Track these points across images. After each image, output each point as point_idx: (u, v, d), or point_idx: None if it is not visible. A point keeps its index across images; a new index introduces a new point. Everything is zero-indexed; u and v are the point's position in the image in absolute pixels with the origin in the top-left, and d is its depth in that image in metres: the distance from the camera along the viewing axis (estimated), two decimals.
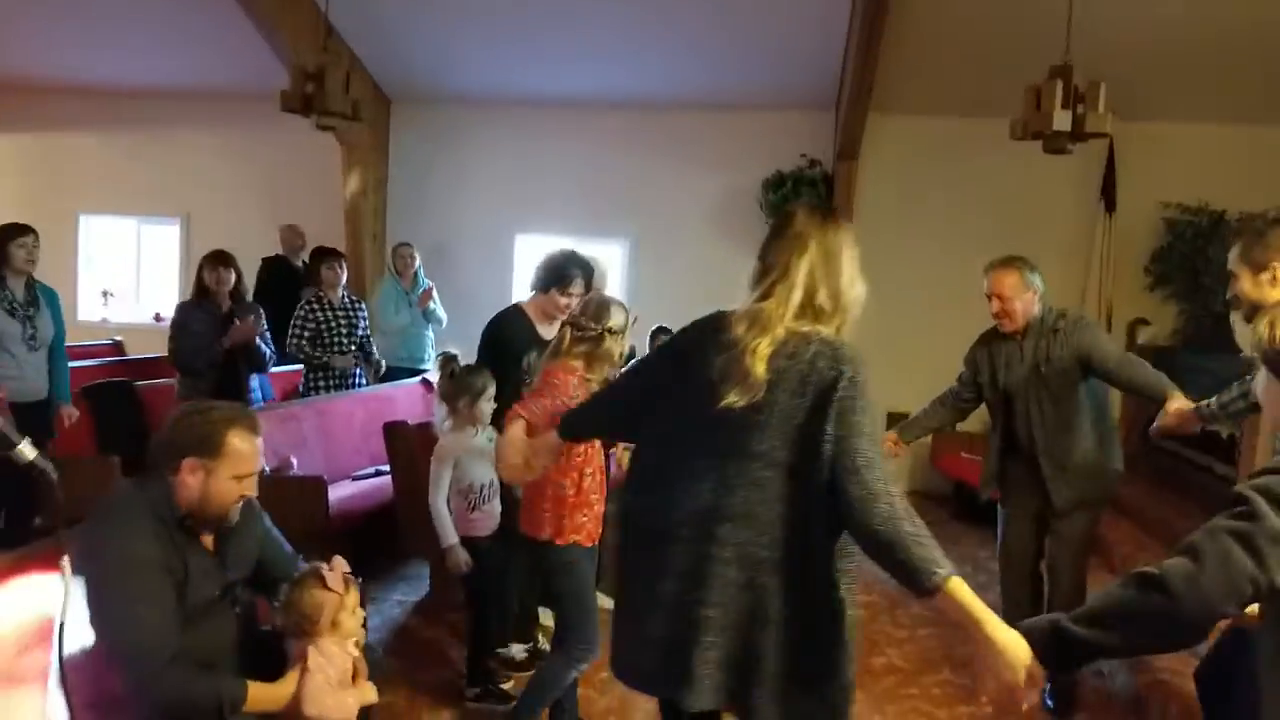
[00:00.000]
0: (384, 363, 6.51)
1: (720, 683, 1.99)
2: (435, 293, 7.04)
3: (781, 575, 1.97)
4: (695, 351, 2.09)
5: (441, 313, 7.11)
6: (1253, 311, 2.75)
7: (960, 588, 1.80)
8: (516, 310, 4.01)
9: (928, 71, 6.95)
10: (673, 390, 2.12)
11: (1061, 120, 4.62)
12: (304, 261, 7.33)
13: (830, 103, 7.53)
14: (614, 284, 5.23)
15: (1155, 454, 6.71)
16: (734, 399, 1.96)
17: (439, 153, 8.32)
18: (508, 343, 3.86)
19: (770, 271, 2.13)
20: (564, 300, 3.81)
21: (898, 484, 1.92)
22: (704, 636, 1.97)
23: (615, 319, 3.06)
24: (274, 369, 6.33)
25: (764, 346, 1.98)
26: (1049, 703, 3.68)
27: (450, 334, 7.36)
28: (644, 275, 8.04)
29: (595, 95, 7.85)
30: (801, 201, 2.50)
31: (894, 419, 7.65)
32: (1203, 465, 5.96)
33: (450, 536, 3.60)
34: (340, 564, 2.46)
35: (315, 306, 6.05)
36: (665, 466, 2.10)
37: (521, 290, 8.16)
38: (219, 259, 5.48)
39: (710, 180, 7.94)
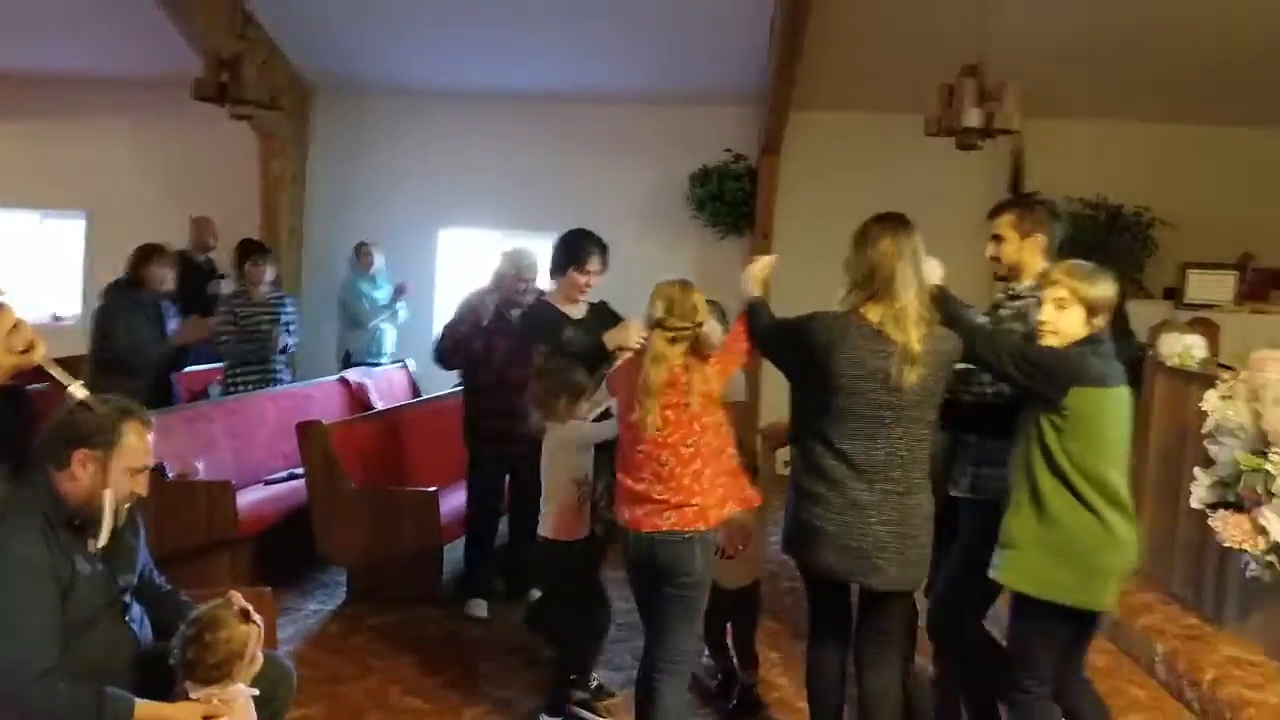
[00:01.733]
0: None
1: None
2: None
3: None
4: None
5: (403, 311, 7.21)
6: (1013, 274, 3.14)
7: None
8: (543, 303, 4.08)
9: (847, 69, 7.08)
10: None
11: (972, 117, 4.77)
12: (209, 258, 7.17)
13: (755, 99, 7.62)
14: (544, 276, 5.25)
15: None
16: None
17: (361, 144, 8.18)
18: (546, 333, 3.80)
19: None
20: (583, 279, 3.91)
21: None
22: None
23: (701, 309, 2.95)
24: (185, 369, 6.22)
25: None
26: None
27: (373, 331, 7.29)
28: None
29: (523, 88, 7.81)
30: (876, 215, 2.71)
31: None
32: None
33: None
34: (239, 599, 2.35)
35: (238, 302, 5.94)
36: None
37: (445, 284, 8.14)
38: (163, 254, 5.35)
39: (638, 174, 7.97)
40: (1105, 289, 2.66)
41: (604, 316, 4.00)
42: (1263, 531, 2.98)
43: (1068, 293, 2.64)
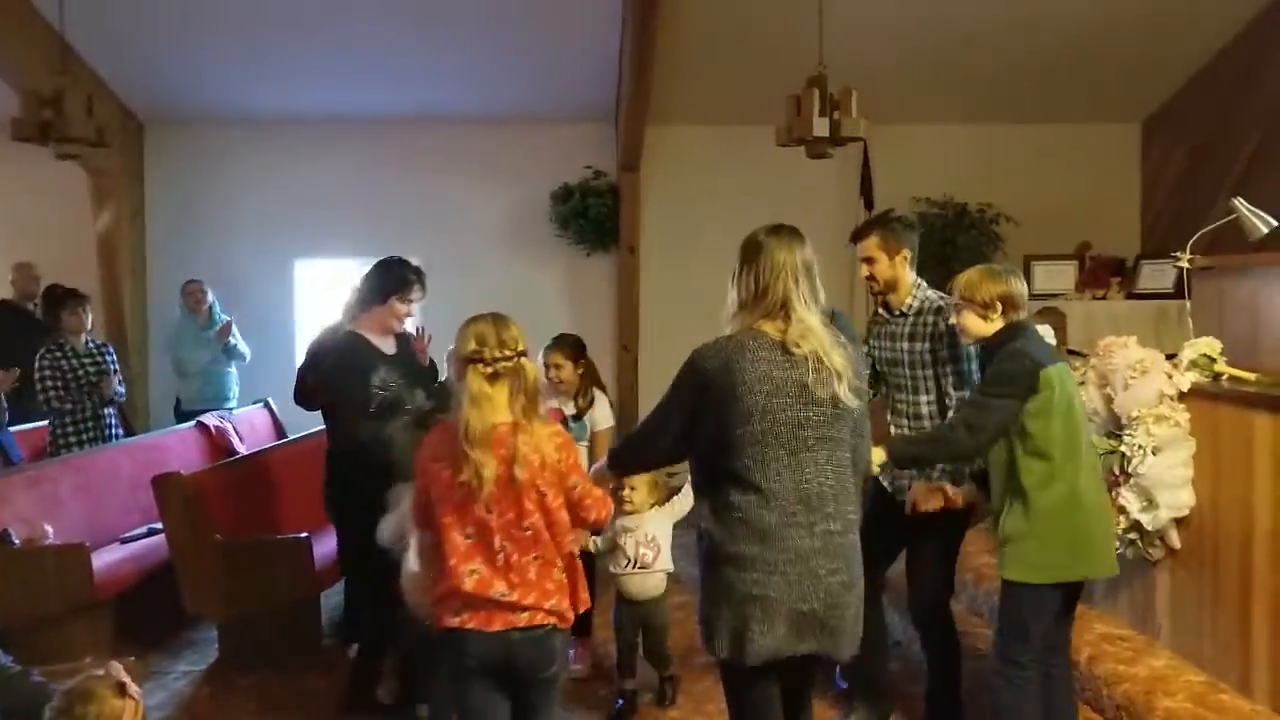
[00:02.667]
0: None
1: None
2: (235, 328, 6.68)
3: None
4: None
5: (244, 347, 6.76)
6: (889, 288, 3.34)
7: None
8: (353, 336, 3.79)
9: (699, 84, 7.19)
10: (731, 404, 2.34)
11: (820, 126, 4.90)
12: (37, 304, 6.69)
13: (611, 115, 7.66)
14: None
15: None
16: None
17: (202, 178, 7.81)
18: (355, 369, 3.68)
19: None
20: (405, 308, 3.78)
21: None
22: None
23: (520, 340, 2.54)
24: (24, 425, 5.85)
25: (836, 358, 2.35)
26: (841, 684, 3.80)
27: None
28: (436, 293, 7.82)
29: (373, 111, 7.60)
30: (768, 227, 2.57)
31: None
32: None
33: None
34: (117, 669, 2.19)
35: (58, 355, 5.59)
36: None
37: (306, 319, 7.84)
38: None
39: (499, 194, 7.88)
40: (1003, 285, 2.83)
41: (404, 349, 3.93)
42: (1122, 511, 3.12)
43: (964, 301, 2.89)
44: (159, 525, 4.61)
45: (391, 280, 3.76)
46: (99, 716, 2.07)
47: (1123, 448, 3.08)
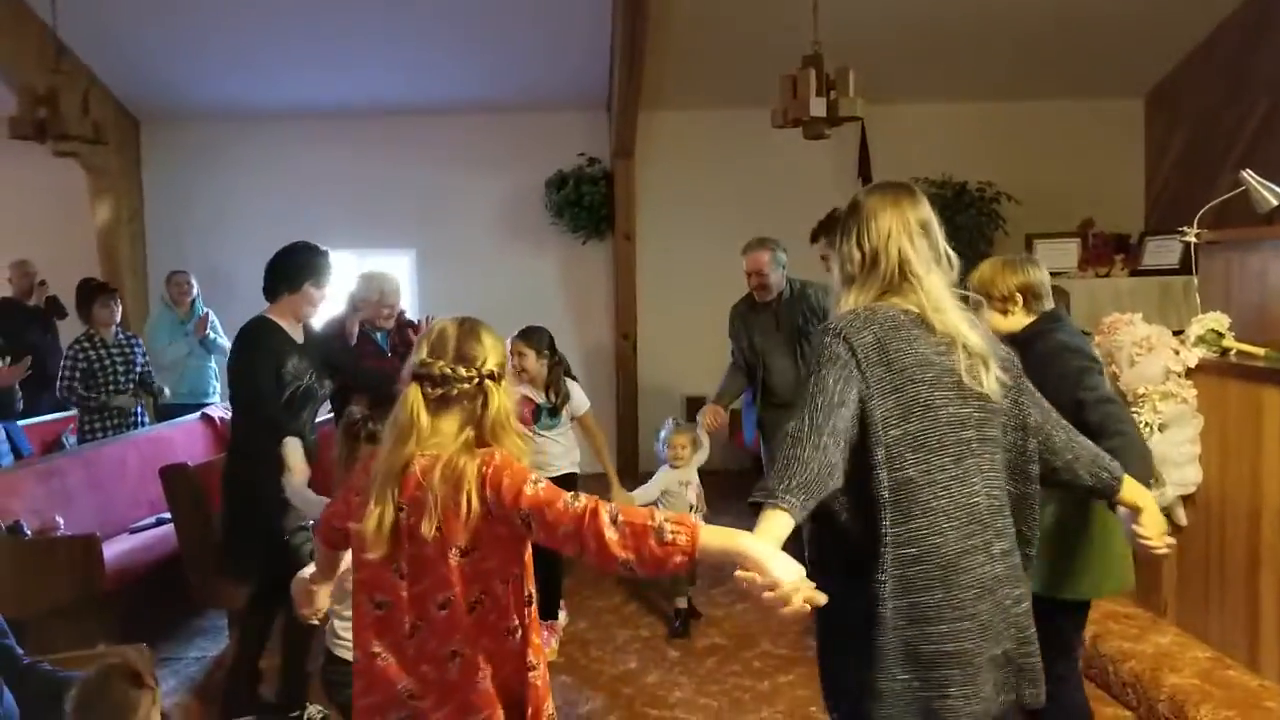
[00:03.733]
0: (166, 390, 6.18)
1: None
2: (215, 320, 6.63)
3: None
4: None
5: (224, 341, 6.69)
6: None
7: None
8: (267, 321, 3.70)
9: (692, 68, 7.15)
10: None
11: (817, 107, 4.86)
12: (38, 303, 6.70)
13: (603, 102, 7.62)
14: (404, 296, 5.14)
15: None
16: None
17: (200, 173, 7.81)
18: (274, 356, 3.60)
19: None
20: (319, 295, 3.69)
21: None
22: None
23: (492, 358, 1.91)
24: (33, 419, 5.90)
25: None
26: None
27: None
28: (432, 284, 7.87)
29: (367, 103, 7.58)
30: (872, 186, 2.16)
31: (693, 403, 7.93)
32: None
33: None
34: (133, 656, 2.22)
35: (87, 345, 5.72)
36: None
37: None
38: None
39: (493, 183, 7.86)
40: (1021, 275, 2.66)
41: (312, 338, 3.91)
42: None
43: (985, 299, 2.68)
44: (167, 516, 4.63)
45: (308, 268, 3.67)
46: (118, 706, 2.06)
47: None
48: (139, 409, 5.96)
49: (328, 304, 3.91)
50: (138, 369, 5.94)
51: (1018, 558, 1.92)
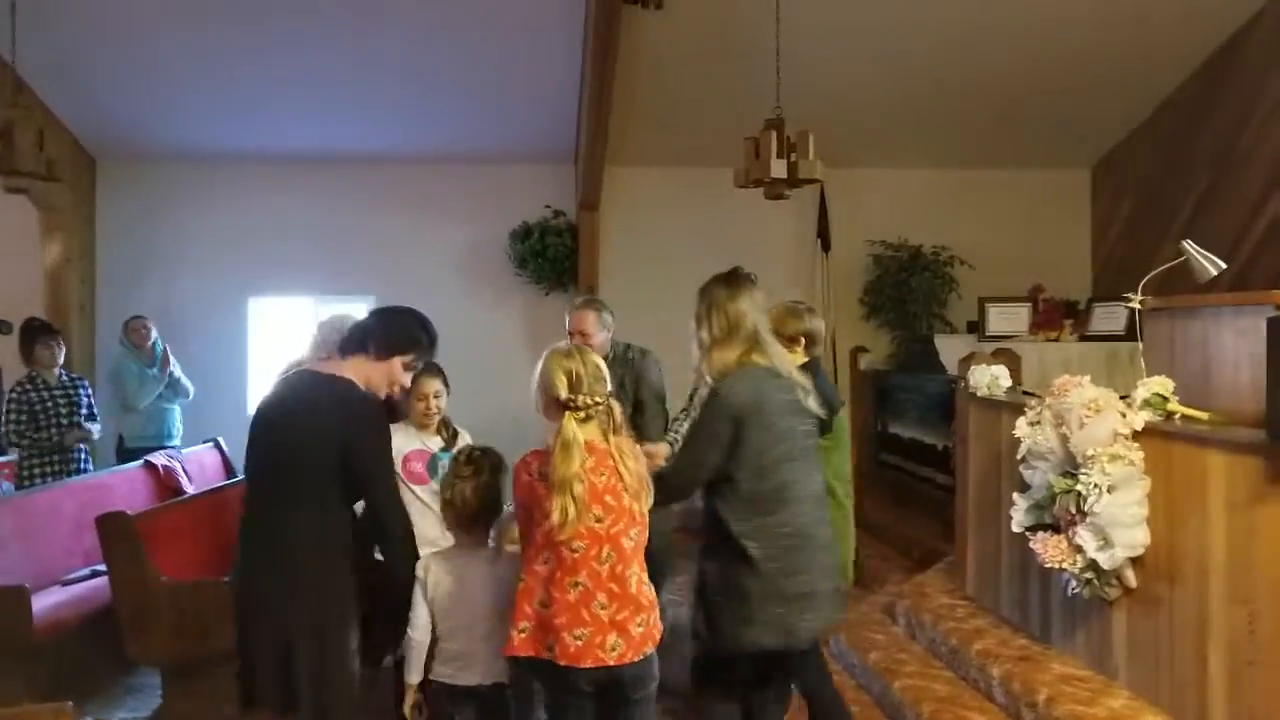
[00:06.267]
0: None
1: None
2: (174, 361, 6.54)
3: None
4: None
5: (187, 382, 6.62)
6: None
7: None
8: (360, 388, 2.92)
9: (657, 126, 7.28)
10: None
11: (778, 168, 4.93)
12: None
13: (570, 156, 7.69)
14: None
15: (884, 469, 7.24)
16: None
17: (155, 214, 7.72)
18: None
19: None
20: (405, 376, 2.97)
21: None
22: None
23: (608, 375, 2.70)
24: None
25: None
26: None
27: (185, 409, 6.82)
28: None
29: (329, 150, 7.58)
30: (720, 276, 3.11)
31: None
32: (925, 477, 6.48)
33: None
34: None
35: (29, 388, 5.61)
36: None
37: (260, 358, 7.73)
38: None
39: (457, 233, 7.88)
40: (806, 323, 3.53)
41: None
42: (1079, 550, 3.12)
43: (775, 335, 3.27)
44: (102, 567, 4.45)
45: (406, 337, 2.97)
46: None
47: (1079, 486, 3.09)
48: (83, 452, 5.83)
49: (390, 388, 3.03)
50: (82, 410, 5.83)
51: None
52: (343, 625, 2.75)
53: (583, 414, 2.58)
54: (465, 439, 3.69)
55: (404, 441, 3.42)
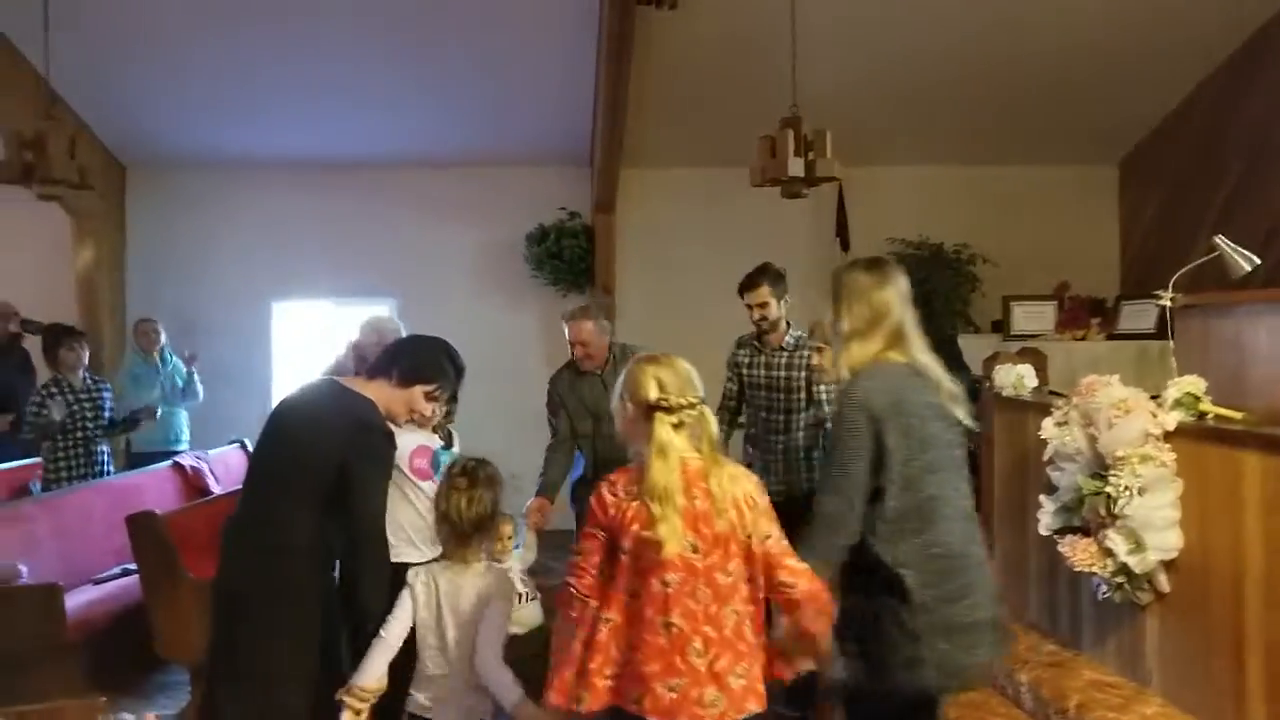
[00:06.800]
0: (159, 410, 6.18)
1: None
2: (184, 362, 6.63)
3: None
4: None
5: (199, 387, 6.66)
6: (774, 325, 4.27)
7: None
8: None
9: (672, 126, 7.25)
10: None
11: (795, 167, 4.88)
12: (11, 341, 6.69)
13: (585, 158, 7.69)
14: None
15: None
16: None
17: (182, 220, 7.80)
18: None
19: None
20: (425, 406, 2.94)
21: None
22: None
23: (698, 381, 2.44)
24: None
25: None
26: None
27: (210, 412, 6.90)
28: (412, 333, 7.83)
29: (352, 155, 7.63)
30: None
31: None
32: None
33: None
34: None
35: (54, 391, 5.67)
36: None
37: (283, 360, 7.79)
38: None
39: (474, 236, 7.90)
40: None
41: None
42: (1109, 553, 3.07)
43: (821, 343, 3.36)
44: (133, 566, 4.53)
45: (431, 368, 2.95)
46: None
47: (1108, 488, 3.05)
48: (106, 454, 5.91)
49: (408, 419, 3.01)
50: (106, 413, 5.89)
51: None
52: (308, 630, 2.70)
53: (675, 418, 2.31)
54: (456, 442, 3.64)
55: (410, 438, 3.36)
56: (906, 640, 2.38)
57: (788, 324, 4.32)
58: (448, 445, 3.58)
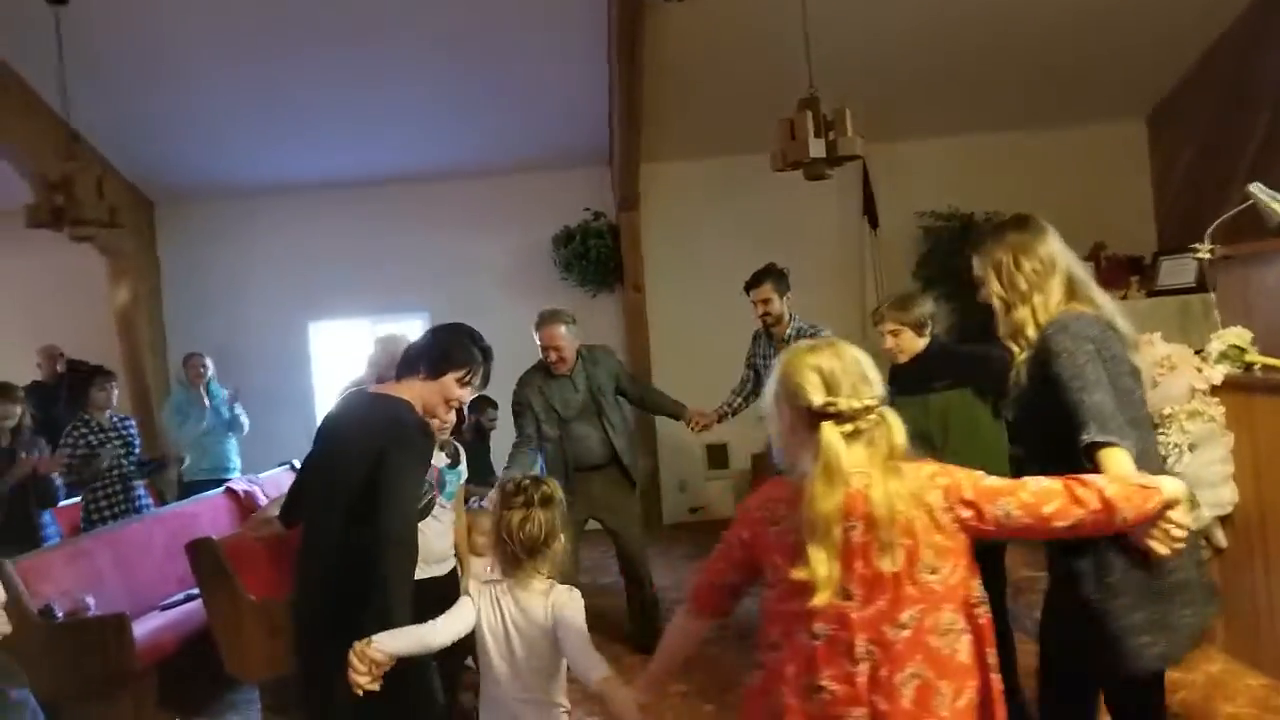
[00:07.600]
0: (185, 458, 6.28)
1: None
2: (231, 395, 6.76)
3: None
4: None
5: (244, 418, 6.81)
6: (778, 320, 4.74)
7: None
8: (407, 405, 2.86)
9: (689, 118, 7.24)
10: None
11: (816, 148, 4.79)
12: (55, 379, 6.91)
13: (605, 158, 7.71)
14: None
15: None
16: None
17: (214, 250, 7.93)
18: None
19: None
20: (460, 392, 2.88)
21: None
22: None
23: (877, 378, 1.88)
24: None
25: None
26: None
27: (258, 436, 7.00)
28: None
29: (375, 174, 7.70)
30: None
31: (713, 451, 7.86)
32: None
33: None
34: None
35: (84, 430, 5.74)
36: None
37: (323, 380, 7.89)
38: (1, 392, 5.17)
39: (502, 243, 7.95)
40: (919, 310, 3.44)
41: None
42: None
43: (895, 325, 3.41)
44: (196, 591, 4.62)
45: (457, 353, 2.90)
46: None
47: (1158, 447, 3.02)
48: (142, 491, 5.96)
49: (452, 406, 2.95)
50: (136, 449, 5.95)
51: None
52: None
53: (849, 426, 1.79)
54: (463, 459, 3.54)
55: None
56: (1137, 606, 2.11)
57: (791, 317, 4.75)
58: (454, 464, 3.50)
